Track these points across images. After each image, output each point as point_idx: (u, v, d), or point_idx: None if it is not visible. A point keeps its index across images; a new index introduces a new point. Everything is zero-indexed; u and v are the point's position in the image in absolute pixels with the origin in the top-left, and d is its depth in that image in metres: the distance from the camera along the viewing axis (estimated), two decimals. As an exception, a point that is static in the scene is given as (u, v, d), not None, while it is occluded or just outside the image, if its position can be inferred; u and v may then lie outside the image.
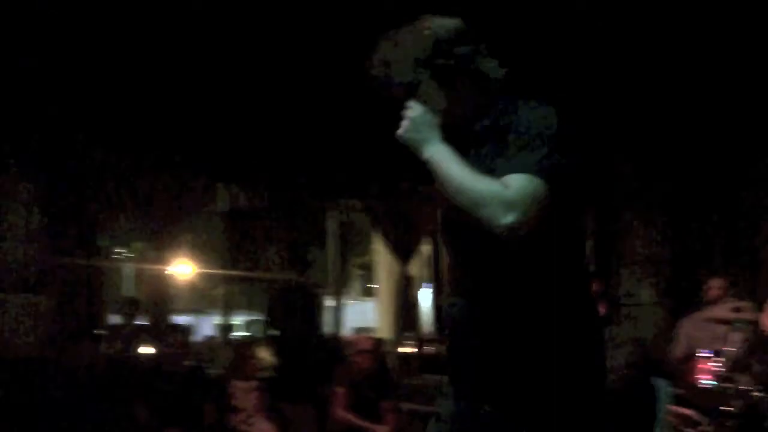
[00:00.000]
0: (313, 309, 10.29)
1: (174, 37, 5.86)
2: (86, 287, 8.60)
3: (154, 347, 8.30)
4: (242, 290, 12.40)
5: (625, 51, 6.17)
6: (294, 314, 9.59)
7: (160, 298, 11.30)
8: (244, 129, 7.72)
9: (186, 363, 7.83)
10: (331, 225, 12.28)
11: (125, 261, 11.80)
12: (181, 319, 12.37)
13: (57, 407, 5.58)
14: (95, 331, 8.45)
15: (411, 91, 1.91)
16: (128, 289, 12.27)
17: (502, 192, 1.73)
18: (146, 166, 9.19)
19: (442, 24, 1.94)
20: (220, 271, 10.34)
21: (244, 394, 6.49)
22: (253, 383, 6.63)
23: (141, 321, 10.01)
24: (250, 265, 10.38)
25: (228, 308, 11.32)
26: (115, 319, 9.54)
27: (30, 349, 6.96)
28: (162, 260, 11.28)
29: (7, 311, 7.08)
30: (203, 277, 11.81)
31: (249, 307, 12.80)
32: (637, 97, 6.87)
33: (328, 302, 12.00)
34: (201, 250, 11.47)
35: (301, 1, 5.59)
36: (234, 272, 9.86)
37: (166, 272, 11.69)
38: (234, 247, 10.58)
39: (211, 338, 11.07)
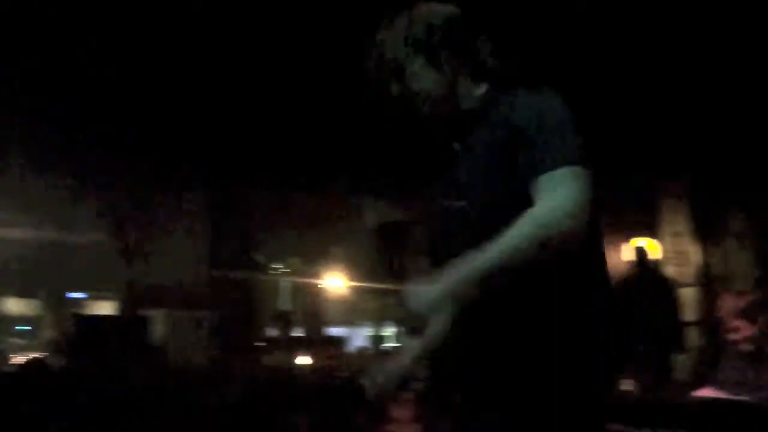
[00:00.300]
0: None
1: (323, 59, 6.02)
2: (246, 302, 9.04)
3: (310, 358, 8.58)
4: (393, 302, 12.59)
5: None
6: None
7: (315, 311, 11.68)
8: (390, 143, 7.83)
9: (340, 374, 8.03)
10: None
11: (282, 276, 12.27)
12: (335, 331, 12.70)
13: (220, 416, 5.85)
14: (255, 343, 8.85)
15: (400, 72, 1.88)
16: (284, 303, 12.73)
17: (551, 211, 1.60)
18: (302, 184, 9.51)
19: (437, 8, 1.92)
20: (371, 284, 10.54)
21: (398, 404, 6.56)
22: (407, 394, 6.70)
23: (297, 333, 10.38)
24: (399, 277, 10.51)
25: (379, 320, 11.51)
26: (272, 331, 9.95)
27: (196, 361, 7.37)
28: (316, 275, 11.65)
29: (175, 326, 7.54)
30: (355, 290, 12.09)
31: (396, 317, 12.95)
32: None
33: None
34: (352, 264, 11.75)
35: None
36: (383, 285, 10.01)
37: (319, 286, 12.07)
38: (383, 259, 10.77)
39: (363, 349, 11.28)
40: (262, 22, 5.56)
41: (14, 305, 19.37)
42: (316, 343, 10.08)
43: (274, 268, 12.52)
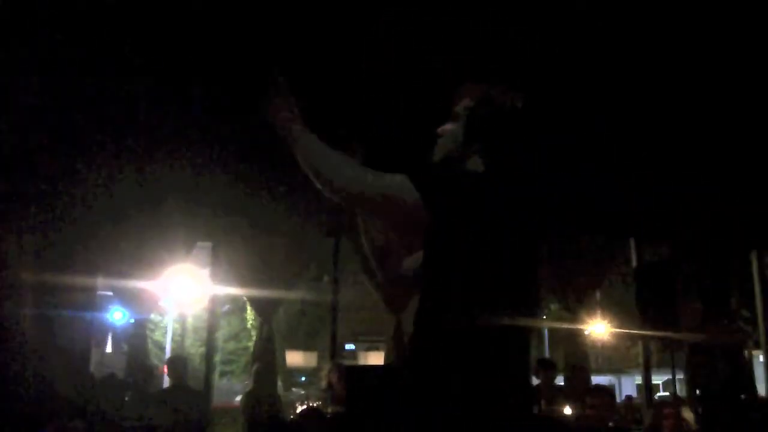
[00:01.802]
0: (741, 366, 9.44)
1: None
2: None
3: (574, 408, 8.34)
4: (661, 347, 11.92)
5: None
6: (716, 372, 8.89)
7: (578, 359, 11.35)
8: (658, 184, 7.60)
9: (610, 425, 7.72)
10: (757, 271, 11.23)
11: (541, 322, 12.14)
12: (600, 379, 12.26)
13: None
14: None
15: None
16: (546, 350, 12.55)
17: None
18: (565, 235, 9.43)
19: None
20: (635, 331, 10.08)
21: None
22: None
23: (560, 382, 10.15)
24: (665, 322, 9.96)
25: (647, 367, 10.91)
26: (534, 380, 9.81)
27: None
28: (577, 320, 11.38)
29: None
30: (620, 336, 11.62)
31: (669, 365, 12.22)
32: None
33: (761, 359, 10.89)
34: (614, 309, 11.33)
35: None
36: (649, 331, 9.52)
37: (582, 332, 11.75)
38: (648, 303, 10.26)
39: (630, 398, 10.74)
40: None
41: (297, 358, 21.07)
42: (580, 392, 9.78)
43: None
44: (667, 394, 11.48)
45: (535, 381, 9.59)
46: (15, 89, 5.56)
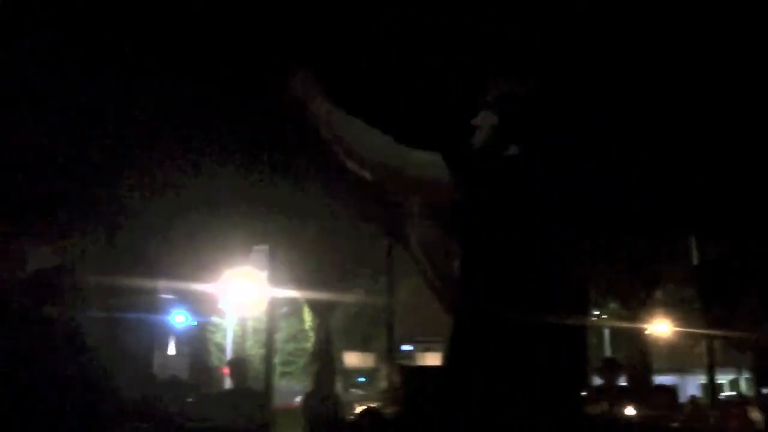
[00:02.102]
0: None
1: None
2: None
3: (638, 409, 8.18)
4: (726, 346, 11.63)
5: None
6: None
7: (640, 358, 11.15)
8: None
9: (674, 425, 7.56)
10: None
11: (601, 322, 11.96)
12: (663, 379, 12.01)
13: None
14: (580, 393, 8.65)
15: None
16: (608, 350, 12.38)
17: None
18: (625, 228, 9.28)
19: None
20: (698, 330, 9.85)
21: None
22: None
23: (623, 382, 9.98)
24: (729, 321, 9.71)
25: (711, 366, 10.65)
26: (597, 380, 9.66)
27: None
28: (638, 319, 11.18)
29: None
30: (683, 335, 11.37)
31: (734, 363, 11.91)
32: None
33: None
34: (677, 307, 11.09)
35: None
36: (712, 330, 9.31)
37: (644, 331, 11.53)
38: (710, 302, 10.03)
39: (693, 398, 10.48)
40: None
41: (355, 359, 21.18)
42: (643, 392, 9.60)
43: (594, 315, 12.23)
44: (733, 393, 11.18)
45: (598, 381, 9.43)
46: (74, 97, 5.72)
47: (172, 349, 17.56)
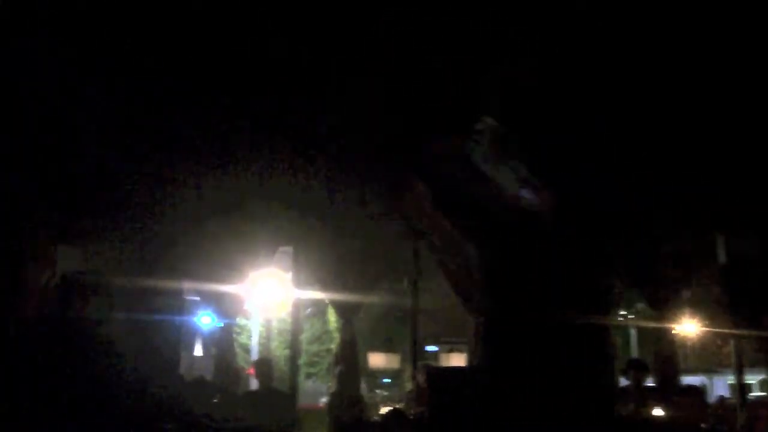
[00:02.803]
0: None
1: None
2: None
3: (665, 410, 8.13)
4: (756, 346, 11.49)
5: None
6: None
7: (667, 359, 11.05)
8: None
9: (702, 426, 7.50)
10: None
11: (628, 322, 11.88)
12: (691, 380, 11.90)
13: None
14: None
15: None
16: (635, 350, 12.28)
17: None
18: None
19: None
20: (726, 330, 9.75)
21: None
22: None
23: (649, 383, 9.90)
24: (758, 320, 9.60)
25: (740, 366, 10.52)
26: (624, 381, 9.59)
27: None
28: (666, 320, 11.08)
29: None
30: (711, 335, 11.25)
31: (764, 363, 11.77)
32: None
33: None
34: (705, 307, 10.99)
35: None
36: (740, 330, 9.20)
37: (671, 332, 11.44)
38: (738, 301, 9.92)
39: (722, 399, 10.37)
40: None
41: (379, 360, 21.21)
42: (671, 392, 9.52)
43: (622, 315, 12.15)
44: (763, 394, 11.05)
45: (625, 382, 9.37)
46: (101, 102, 5.80)
47: (198, 350, 17.70)
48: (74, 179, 6.42)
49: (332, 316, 19.63)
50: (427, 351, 19.94)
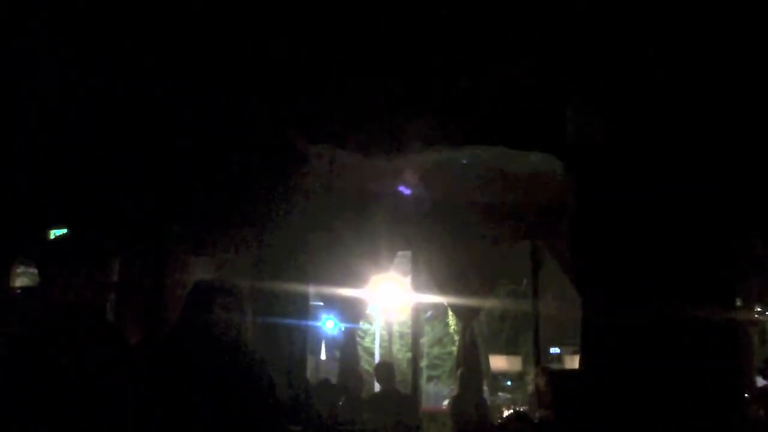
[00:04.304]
0: None
1: None
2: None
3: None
4: None
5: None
6: None
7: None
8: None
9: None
10: None
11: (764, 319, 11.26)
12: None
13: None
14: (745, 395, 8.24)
15: None
16: (772, 351, 11.60)
17: None
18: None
19: None
20: None
21: None
22: None
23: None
24: None
25: None
26: (762, 381, 9.15)
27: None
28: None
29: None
30: None
31: None
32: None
33: None
34: None
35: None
36: None
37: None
38: None
39: None
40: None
41: (501, 362, 21.04)
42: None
43: (760, 312, 11.54)
44: None
45: (762, 382, 8.95)
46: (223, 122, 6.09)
47: (323, 354, 18.16)
48: (206, 197, 6.77)
49: (452, 319, 19.67)
50: (551, 353, 19.62)
